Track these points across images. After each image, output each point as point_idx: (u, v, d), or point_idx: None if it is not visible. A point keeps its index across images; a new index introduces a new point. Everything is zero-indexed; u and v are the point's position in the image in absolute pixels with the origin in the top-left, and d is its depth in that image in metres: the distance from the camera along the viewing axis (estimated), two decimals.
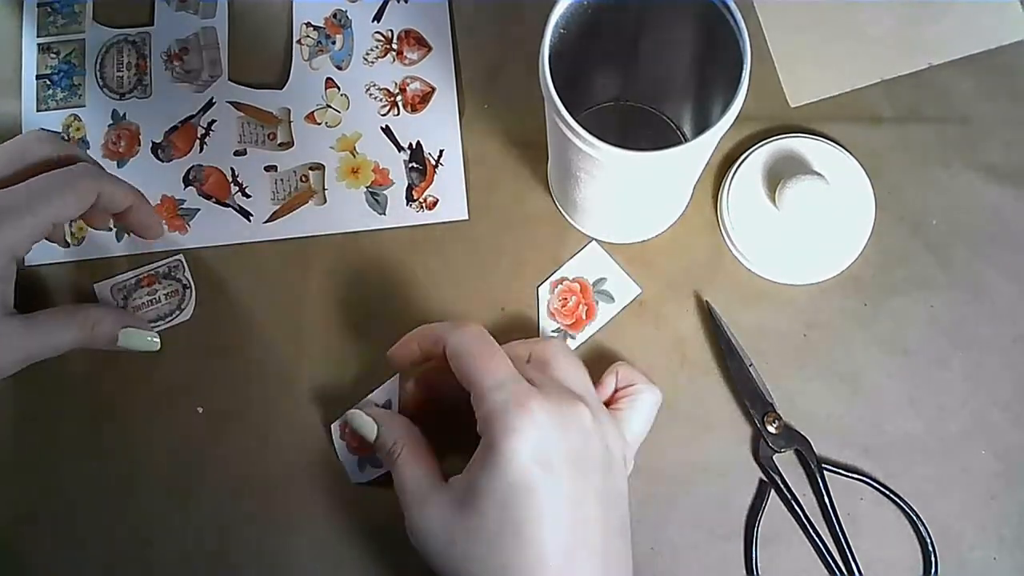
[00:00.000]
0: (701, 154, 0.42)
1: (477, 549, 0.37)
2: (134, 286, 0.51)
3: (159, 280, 0.51)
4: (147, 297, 0.51)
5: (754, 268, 0.51)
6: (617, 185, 0.44)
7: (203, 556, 0.49)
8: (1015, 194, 0.52)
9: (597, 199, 0.46)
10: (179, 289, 0.51)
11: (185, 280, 0.51)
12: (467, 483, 0.38)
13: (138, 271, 0.52)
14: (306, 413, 0.51)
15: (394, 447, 0.42)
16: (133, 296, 0.51)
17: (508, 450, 0.36)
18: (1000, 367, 0.50)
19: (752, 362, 0.49)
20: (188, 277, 0.51)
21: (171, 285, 0.51)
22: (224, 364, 0.52)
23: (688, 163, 0.43)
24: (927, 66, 0.54)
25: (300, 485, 0.50)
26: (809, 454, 0.48)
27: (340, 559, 0.49)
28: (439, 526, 0.38)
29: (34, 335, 0.45)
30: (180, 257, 0.52)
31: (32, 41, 0.57)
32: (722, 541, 0.48)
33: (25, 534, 0.49)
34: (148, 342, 0.48)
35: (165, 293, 0.51)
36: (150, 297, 0.51)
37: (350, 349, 0.51)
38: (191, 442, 0.50)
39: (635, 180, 0.42)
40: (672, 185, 0.46)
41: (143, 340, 0.48)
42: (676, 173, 0.44)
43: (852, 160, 0.52)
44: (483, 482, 0.36)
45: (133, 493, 0.50)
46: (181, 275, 0.51)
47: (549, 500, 0.36)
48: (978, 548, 0.47)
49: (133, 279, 0.52)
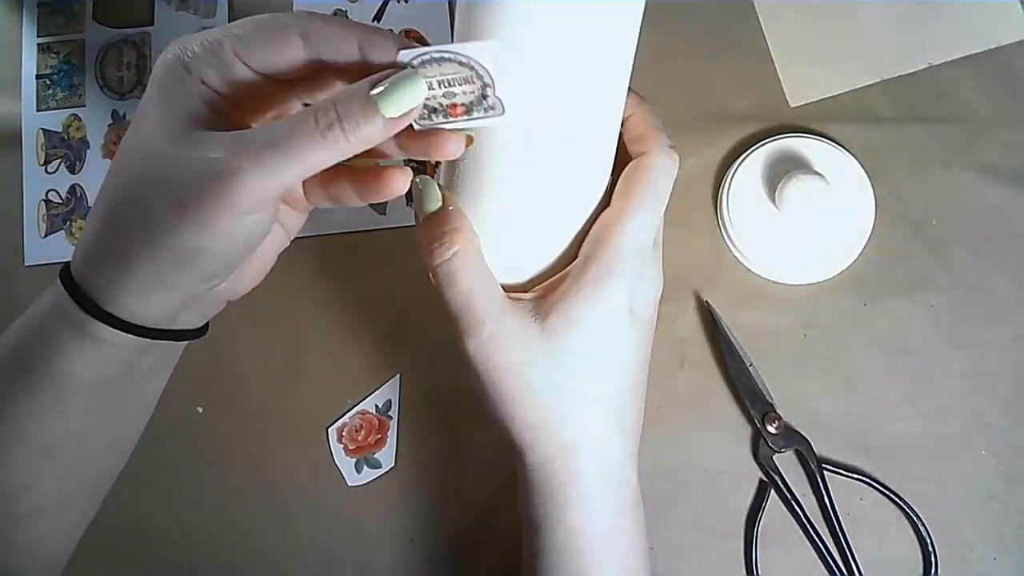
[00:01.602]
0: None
1: (557, 375, 0.37)
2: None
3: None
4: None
5: (754, 268, 0.51)
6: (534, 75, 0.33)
7: (202, 556, 0.49)
8: (1015, 194, 0.52)
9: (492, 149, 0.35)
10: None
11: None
12: (562, 308, 0.36)
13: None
14: (306, 413, 0.51)
15: (452, 235, 0.36)
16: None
17: (618, 291, 0.36)
18: (1000, 367, 0.49)
19: (752, 362, 0.49)
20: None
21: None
22: (224, 364, 0.52)
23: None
24: (927, 66, 0.54)
25: (299, 485, 0.50)
26: (809, 454, 0.48)
27: (340, 559, 0.49)
28: (521, 345, 0.36)
29: (259, 145, 0.31)
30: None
31: (32, 41, 0.57)
32: (722, 541, 0.48)
33: None
34: (411, 82, 0.31)
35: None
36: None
37: (350, 349, 0.51)
38: (191, 442, 0.50)
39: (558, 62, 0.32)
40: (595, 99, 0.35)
41: (406, 84, 0.31)
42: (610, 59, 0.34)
43: (852, 160, 0.52)
44: (580, 312, 0.36)
45: (132, 493, 0.50)
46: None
47: (632, 349, 0.38)
48: (978, 548, 0.47)
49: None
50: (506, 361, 0.36)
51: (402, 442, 0.51)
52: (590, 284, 0.36)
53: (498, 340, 0.36)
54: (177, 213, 0.31)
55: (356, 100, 0.31)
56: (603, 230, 0.37)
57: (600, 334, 0.37)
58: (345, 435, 0.50)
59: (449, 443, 0.50)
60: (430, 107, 0.32)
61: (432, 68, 0.31)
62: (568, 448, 0.37)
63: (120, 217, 0.33)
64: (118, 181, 0.34)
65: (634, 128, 0.39)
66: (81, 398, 0.35)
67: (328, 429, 0.50)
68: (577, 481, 0.37)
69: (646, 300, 0.38)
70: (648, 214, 0.37)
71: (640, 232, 0.37)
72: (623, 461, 0.39)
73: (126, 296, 0.33)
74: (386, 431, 0.50)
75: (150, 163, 0.32)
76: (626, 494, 0.39)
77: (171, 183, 0.32)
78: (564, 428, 0.37)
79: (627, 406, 0.38)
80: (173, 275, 0.33)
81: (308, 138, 0.31)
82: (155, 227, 0.32)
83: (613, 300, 0.37)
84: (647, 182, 0.37)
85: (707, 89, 0.54)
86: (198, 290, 0.34)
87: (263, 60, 0.33)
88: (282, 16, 0.34)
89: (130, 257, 0.32)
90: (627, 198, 0.37)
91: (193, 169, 0.31)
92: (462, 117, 0.32)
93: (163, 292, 0.33)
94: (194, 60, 0.33)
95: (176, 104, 0.33)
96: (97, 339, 0.33)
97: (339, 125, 0.31)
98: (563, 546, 0.37)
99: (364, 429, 0.50)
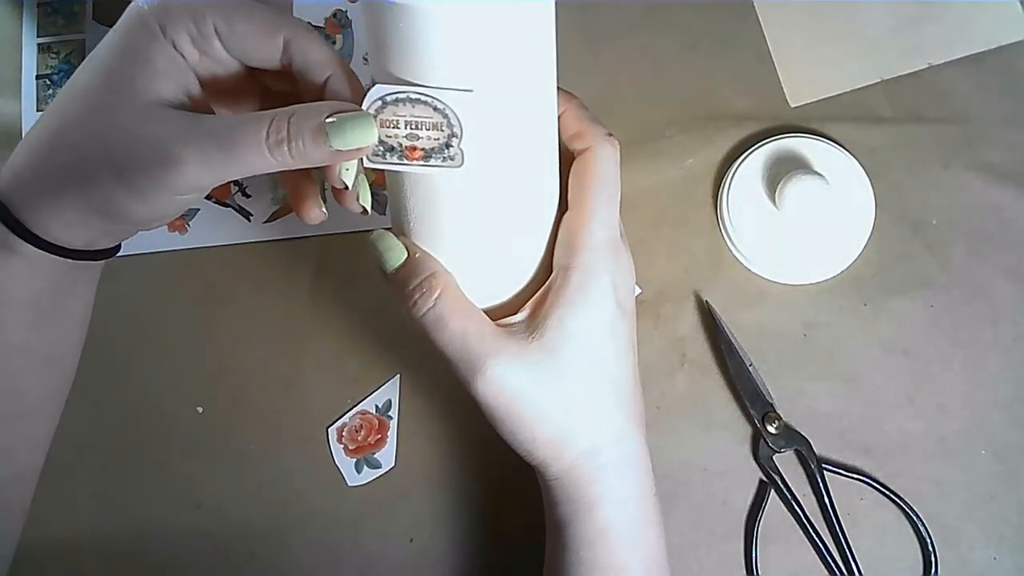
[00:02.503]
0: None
1: (570, 387, 0.37)
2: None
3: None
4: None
5: (754, 268, 0.51)
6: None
7: (202, 556, 0.49)
8: (1015, 194, 0.52)
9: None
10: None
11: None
12: (555, 322, 0.36)
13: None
14: (306, 414, 0.51)
15: (429, 282, 0.36)
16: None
17: (604, 290, 0.37)
18: (1000, 367, 0.49)
19: (752, 362, 0.49)
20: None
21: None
22: (224, 364, 0.51)
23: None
24: (927, 66, 0.54)
25: (299, 485, 0.50)
26: (809, 454, 0.48)
27: (340, 559, 0.49)
28: (527, 371, 0.36)
29: (207, 138, 0.32)
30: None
31: (32, 41, 0.57)
32: (722, 541, 0.48)
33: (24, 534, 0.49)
34: (366, 124, 0.31)
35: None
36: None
37: (350, 349, 0.51)
38: (191, 442, 0.50)
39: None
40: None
41: (360, 124, 0.31)
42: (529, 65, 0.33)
43: (852, 160, 0.52)
44: (575, 321, 0.37)
45: (132, 493, 0.50)
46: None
47: (625, 340, 0.39)
48: (978, 548, 0.47)
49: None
50: (515, 389, 0.36)
51: (402, 442, 0.50)
52: (576, 291, 0.37)
53: (503, 371, 0.36)
54: (116, 179, 0.33)
55: (309, 124, 0.32)
56: (572, 236, 0.37)
57: (596, 336, 0.37)
58: (345, 435, 0.50)
59: (449, 443, 0.50)
60: (388, 145, 0.32)
61: (404, 107, 0.31)
62: (588, 452, 0.38)
63: (58, 159, 0.34)
64: (63, 121, 0.34)
65: (570, 125, 0.38)
66: (16, 314, 0.37)
67: (328, 429, 0.50)
68: (603, 479, 0.38)
69: (627, 289, 0.39)
70: (608, 207, 0.38)
71: (606, 228, 0.38)
72: (639, 450, 0.40)
73: (53, 226, 0.35)
74: (386, 431, 0.50)
75: (99, 121, 0.33)
76: (646, 482, 0.40)
77: (115, 150, 0.33)
78: (582, 435, 0.38)
79: (631, 395, 0.39)
80: (100, 221, 0.35)
81: (256, 147, 0.32)
82: (92, 183, 0.34)
83: (601, 300, 0.37)
84: (598, 177, 0.38)
85: (707, 89, 0.54)
86: (120, 231, 0.37)
87: (242, 47, 0.34)
88: (273, 13, 0.34)
89: (62, 199, 0.34)
90: (584, 198, 0.37)
91: (140, 144, 0.33)
92: (417, 162, 0.32)
93: (88, 230, 0.36)
94: (172, 23, 0.33)
95: (140, 65, 0.33)
96: (27, 258, 0.35)
97: (287, 143, 0.32)
98: (593, 539, 0.38)
99: (364, 429, 0.50)
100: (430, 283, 0.36)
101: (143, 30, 0.33)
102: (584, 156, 0.38)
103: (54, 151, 0.34)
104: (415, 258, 0.36)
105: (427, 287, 0.36)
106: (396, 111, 0.31)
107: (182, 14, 0.33)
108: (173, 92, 0.34)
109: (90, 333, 0.52)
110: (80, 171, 0.34)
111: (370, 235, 0.37)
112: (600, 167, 0.38)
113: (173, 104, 0.34)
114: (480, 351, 0.36)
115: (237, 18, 0.33)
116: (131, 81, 0.33)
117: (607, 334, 0.38)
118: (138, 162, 0.32)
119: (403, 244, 0.37)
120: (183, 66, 0.34)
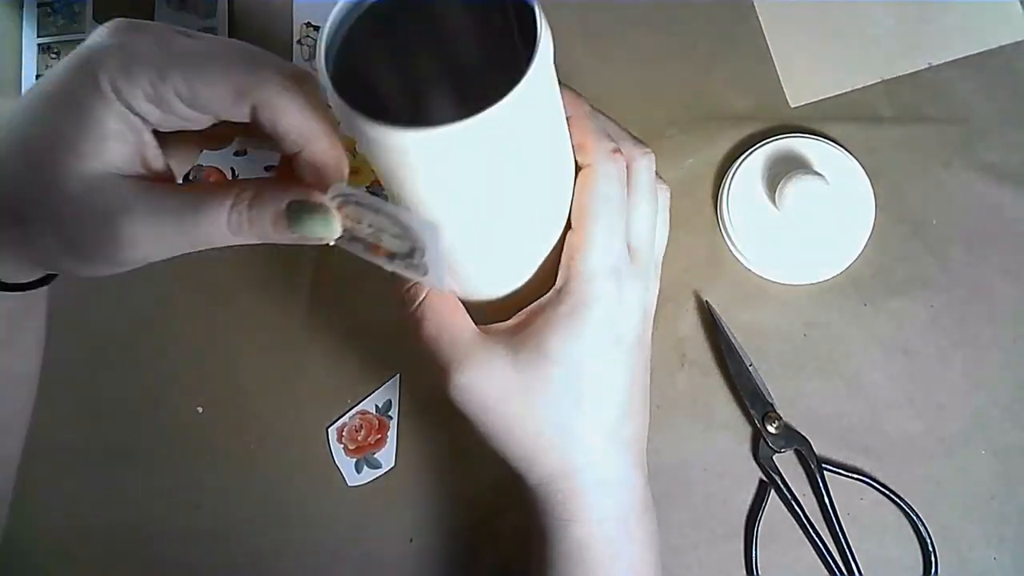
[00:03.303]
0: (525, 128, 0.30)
1: (535, 409, 0.36)
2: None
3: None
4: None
5: (754, 268, 0.51)
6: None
7: (202, 556, 0.49)
8: (1015, 194, 0.52)
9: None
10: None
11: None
12: (535, 343, 0.35)
13: None
14: (306, 414, 0.51)
15: (417, 285, 0.36)
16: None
17: (594, 321, 0.35)
18: (1000, 367, 0.49)
19: (752, 362, 0.49)
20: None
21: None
22: (224, 364, 0.52)
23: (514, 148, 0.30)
24: (927, 66, 0.54)
25: (299, 485, 0.50)
26: (809, 454, 0.48)
27: (340, 559, 0.49)
28: (494, 384, 0.35)
29: (164, 217, 0.30)
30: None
31: (32, 41, 0.57)
32: (722, 541, 0.48)
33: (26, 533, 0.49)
34: (325, 220, 0.30)
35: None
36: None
37: (350, 349, 0.51)
38: (191, 442, 0.50)
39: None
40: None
41: (319, 219, 0.30)
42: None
43: (852, 160, 0.52)
44: (556, 346, 0.35)
45: (132, 493, 0.50)
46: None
47: (617, 373, 0.37)
48: (978, 548, 0.47)
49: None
50: (482, 399, 0.36)
51: (402, 442, 0.51)
52: (563, 318, 0.35)
53: (470, 380, 0.35)
54: (60, 247, 0.31)
55: (270, 211, 0.30)
56: (569, 259, 0.35)
57: (582, 367, 0.36)
58: (345, 435, 0.50)
59: (449, 443, 0.50)
60: (352, 235, 0.31)
61: (367, 213, 0.30)
62: (563, 472, 0.37)
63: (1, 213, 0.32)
64: (2, 171, 0.31)
65: (574, 135, 0.36)
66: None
67: (328, 429, 0.50)
68: (579, 496, 0.37)
69: (630, 324, 0.36)
70: (607, 234, 0.35)
71: (605, 255, 0.35)
72: (625, 472, 0.38)
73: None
74: (386, 431, 0.50)
75: (41, 185, 0.30)
76: (633, 501, 0.38)
77: (60, 218, 0.30)
78: (555, 455, 0.37)
79: (623, 421, 0.38)
80: (42, 269, 0.34)
81: (215, 226, 0.30)
82: (34, 247, 0.32)
83: (590, 334, 0.35)
84: (596, 200, 0.35)
85: (707, 89, 0.54)
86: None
87: (207, 108, 0.30)
88: (242, 74, 0.30)
89: (4, 253, 0.32)
90: (581, 222, 0.35)
91: (87, 217, 0.30)
92: (383, 258, 0.31)
93: (34, 274, 0.35)
94: (127, 85, 0.29)
95: (87, 127, 0.30)
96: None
97: (247, 226, 0.30)
98: (570, 553, 0.37)
99: (364, 429, 0.50)
100: (418, 286, 0.36)
101: (94, 89, 0.29)
102: (585, 174, 0.35)
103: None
104: None
105: (415, 289, 0.36)
106: (359, 212, 0.30)
107: (138, 75, 0.29)
108: (124, 158, 0.30)
109: (90, 334, 0.53)
110: (21, 234, 0.31)
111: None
112: (598, 189, 0.35)
113: (124, 172, 0.30)
114: (451, 356, 0.35)
115: (199, 82, 0.29)
116: (77, 144, 0.30)
117: (598, 366, 0.36)
118: (85, 236, 0.30)
119: None
120: (138, 127, 0.31)
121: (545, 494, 0.38)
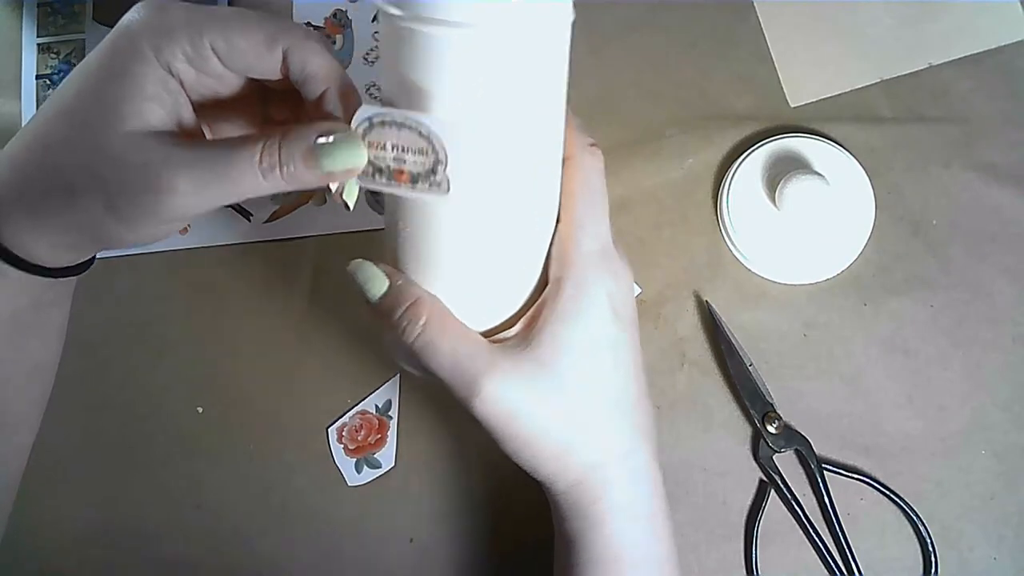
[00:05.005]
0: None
1: (561, 403, 0.36)
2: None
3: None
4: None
5: (754, 268, 0.51)
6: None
7: (202, 556, 0.49)
8: (1015, 194, 0.52)
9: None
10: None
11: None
12: (549, 337, 0.35)
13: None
14: (306, 414, 0.51)
15: (414, 309, 0.35)
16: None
17: (597, 302, 0.36)
18: (1000, 367, 0.49)
19: (752, 362, 0.49)
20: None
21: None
22: (224, 364, 0.52)
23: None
24: (927, 66, 0.54)
25: (299, 485, 0.50)
26: (809, 454, 0.48)
27: (340, 559, 0.49)
28: (522, 387, 0.35)
29: (200, 164, 0.32)
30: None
31: (32, 41, 0.57)
32: (722, 541, 0.48)
33: (26, 533, 0.49)
34: (354, 146, 0.32)
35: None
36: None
37: (350, 350, 0.51)
38: (191, 442, 0.50)
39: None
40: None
41: (348, 146, 0.32)
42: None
43: (852, 160, 0.52)
44: (569, 334, 0.36)
45: (132, 493, 0.50)
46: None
47: (625, 352, 0.37)
48: (978, 548, 0.47)
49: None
50: (512, 407, 0.35)
51: (402, 442, 0.51)
52: (569, 303, 0.36)
53: (498, 389, 0.35)
54: (104, 207, 0.33)
55: (300, 148, 0.32)
56: (561, 249, 0.37)
57: (593, 349, 0.36)
58: (345, 435, 0.50)
59: (449, 443, 0.50)
60: (377, 166, 0.32)
61: (390, 131, 0.31)
62: (593, 466, 0.37)
63: (42, 183, 0.34)
64: (47, 142, 0.34)
65: None
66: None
67: (328, 429, 0.50)
68: (609, 494, 0.37)
69: (625, 299, 0.38)
70: (595, 219, 0.37)
71: (595, 239, 0.37)
72: (647, 462, 0.39)
73: (35, 248, 0.35)
74: (386, 431, 0.50)
75: (86, 147, 0.33)
76: (656, 497, 0.39)
77: (103, 178, 0.32)
78: (585, 450, 0.37)
79: (636, 406, 0.38)
80: (83, 244, 0.35)
81: (249, 172, 0.32)
82: (78, 210, 0.33)
83: (596, 313, 0.36)
84: (581, 188, 0.37)
85: (707, 89, 0.54)
86: (102, 248, 0.37)
87: (242, 62, 0.34)
88: (272, 24, 0.33)
89: (46, 223, 0.34)
90: (570, 210, 0.37)
91: (130, 172, 0.32)
92: (405, 184, 0.32)
93: (69, 251, 0.36)
94: (167, 45, 0.32)
95: (129, 90, 0.32)
96: (8, 278, 0.35)
97: (279, 167, 0.32)
98: (602, 555, 0.37)
99: (364, 429, 0.50)
100: (415, 310, 0.35)
101: (134, 53, 0.32)
102: (570, 165, 0.37)
103: (38, 173, 0.34)
104: (397, 286, 0.36)
105: (412, 315, 0.35)
106: (383, 133, 0.31)
107: (178, 35, 0.32)
108: (162, 119, 0.33)
109: (90, 334, 0.53)
110: (66, 198, 0.33)
111: (348, 266, 0.37)
112: (581, 177, 0.37)
113: (162, 131, 0.33)
114: (474, 371, 0.35)
115: (235, 34, 0.33)
116: (119, 106, 0.32)
117: (603, 346, 0.37)
118: (128, 190, 0.32)
119: (383, 271, 0.36)
120: (175, 89, 0.33)
121: (580, 493, 0.38)
